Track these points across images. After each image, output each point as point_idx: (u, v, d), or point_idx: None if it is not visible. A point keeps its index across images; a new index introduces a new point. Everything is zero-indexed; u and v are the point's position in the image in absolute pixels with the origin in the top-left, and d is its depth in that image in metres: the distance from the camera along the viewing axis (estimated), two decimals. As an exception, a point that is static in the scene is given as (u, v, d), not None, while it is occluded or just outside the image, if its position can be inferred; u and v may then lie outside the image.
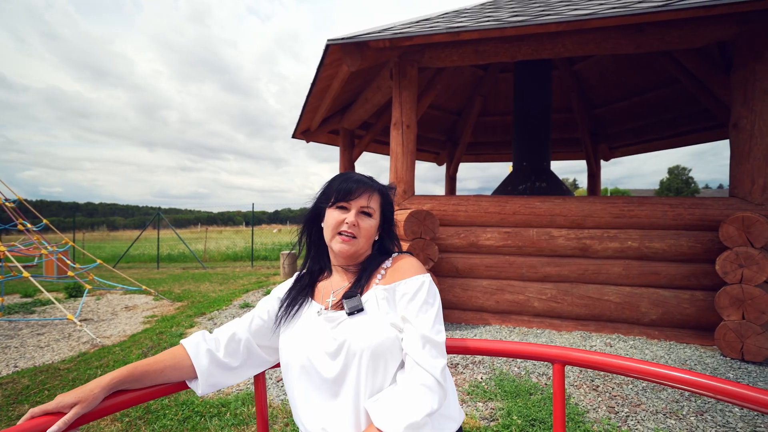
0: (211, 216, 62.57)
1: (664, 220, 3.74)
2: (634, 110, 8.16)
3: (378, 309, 0.96)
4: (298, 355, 0.96)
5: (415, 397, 0.82)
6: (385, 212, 1.10)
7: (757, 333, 3.17)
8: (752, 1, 3.18)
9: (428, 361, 0.86)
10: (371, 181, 1.08)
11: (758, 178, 3.54)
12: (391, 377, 0.92)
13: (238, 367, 1.02)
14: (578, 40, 3.95)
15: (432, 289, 0.96)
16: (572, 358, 1.04)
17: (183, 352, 0.98)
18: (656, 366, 0.94)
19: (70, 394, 0.82)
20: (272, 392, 2.96)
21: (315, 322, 0.99)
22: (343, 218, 1.01)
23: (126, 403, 0.90)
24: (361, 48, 4.03)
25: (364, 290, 1.00)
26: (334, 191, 1.04)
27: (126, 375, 0.89)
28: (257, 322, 1.05)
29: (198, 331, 4.48)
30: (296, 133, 7.51)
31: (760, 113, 3.54)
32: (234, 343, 1.01)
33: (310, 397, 0.94)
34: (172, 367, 0.95)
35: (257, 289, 7.13)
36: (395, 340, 0.92)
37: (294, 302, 1.05)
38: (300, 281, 1.12)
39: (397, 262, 1.04)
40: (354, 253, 1.03)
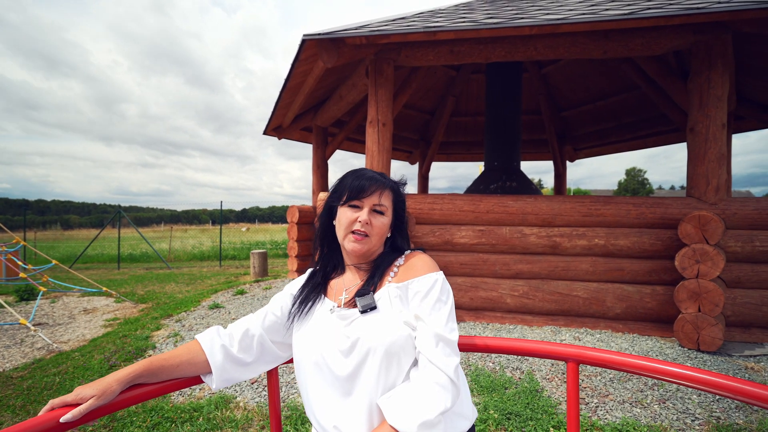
0: (176, 214, 60.25)
1: (628, 219, 3.92)
2: (598, 114, 8.53)
3: (391, 307, 0.95)
4: (311, 353, 0.96)
5: (429, 396, 0.82)
6: (397, 209, 1.09)
7: (711, 324, 3.38)
8: (706, 13, 3.38)
9: (442, 359, 0.86)
10: (383, 178, 1.06)
11: (712, 179, 3.77)
12: (405, 375, 0.91)
13: (252, 362, 1.03)
14: (549, 44, 4.07)
15: (445, 287, 0.96)
16: (587, 357, 1.05)
17: (198, 347, 1.00)
18: (670, 365, 0.94)
19: (89, 386, 0.85)
20: (247, 395, 2.89)
21: (328, 319, 0.99)
22: (355, 217, 1.00)
23: (142, 396, 0.92)
24: (338, 44, 3.99)
25: (377, 288, 1.00)
26: (346, 189, 1.03)
27: (143, 369, 0.91)
28: (270, 318, 1.06)
29: (163, 332, 4.27)
30: (268, 129, 7.35)
31: (714, 119, 3.77)
32: (247, 339, 1.03)
33: (323, 394, 0.93)
34: (187, 362, 0.97)
35: (226, 289, 6.93)
36: (408, 338, 0.91)
37: (307, 299, 1.05)
38: (313, 278, 1.11)
39: (410, 260, 1.03)
40: (367, 251, 1.03)
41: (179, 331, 4.40)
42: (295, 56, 4.36)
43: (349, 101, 5.93)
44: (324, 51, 3.97)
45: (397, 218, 1.10)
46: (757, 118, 6.35)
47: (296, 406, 2.67)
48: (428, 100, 9.20)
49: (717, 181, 3.75)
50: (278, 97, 5.71)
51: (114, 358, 3.61)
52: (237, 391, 2.94)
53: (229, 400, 2.80)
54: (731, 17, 3.42)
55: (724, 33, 3.73)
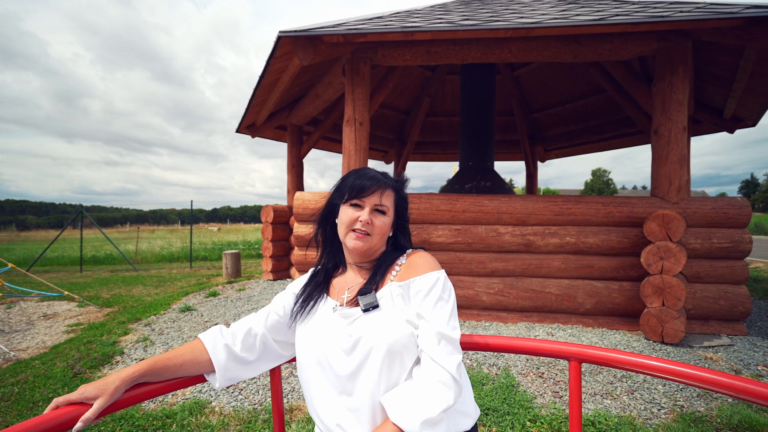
0: (142, 214, 58.02)
1: (597, 218, 4.07)
2: (567, 116, 8.81)
3: (393, 305, 0.96)
4: (313, 351, 0.96)
5: (431, 393, 0.83)
6: (398, 208, 1.10)
7: (674, 318, 3.55)
8: (669, 22, 3.55)
9: (444, 357, 0.86)
10: (385, 178, 1.07)
11: (674, 179, 3.97)
12: (407, 373, 0.92)
13: (255, 361, 1.04)
14: (523, 47, 4.17)
15: (447, 285, 0.97)
16: (589, 355, 1.05)
17: (201, 346, 1.01)
18: (669, 363, 0.95)
19: (92, 385, 0.85)
20: (222, 399, 2.82)
21: (330, 318, 0.99)
22: (357, 216, 1.01)
23: (146, 395, 0.93)
24: (314, 42, 3.94)
25: (379, 287, 1.00)
26: (347, 188, 1.03)
27: (146, 369, 0.92)
28: (273, 317, 1.07)
29: (132, 337, 4.11)
30: (241, 127, 7.19)
31: (676, 122, 3.97)
32: (250, 338, 1.04)
33: (325, 393, 0.94)
34: (190, 362, 0.98)
35: (198, 291, 6.73)
36: (411, 336, 0.91)
37: (309, 298, 1.05)
38: (315, 277, 1.12)
39: (412, 259, 1.04)
40: (368, 250, 1.04)
41: (149, 335, 4.24)
42: (270, 53, 4.28)
43: (325, 100, 5.88)
44: (300, 48, 3.91)
45: (399, 217, 1.11)
46: (713, 122, 6.72)
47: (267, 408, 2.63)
48: (404, 99, 9.24)
49: (679, 182, 3.95)
50: (252, 95, 5.59)
51: (78, 366, 3.44)
52: (212, 396, 2.86)
53: (203, 405, 2.72)
54: (692, 26, 3.61)
55: (686, 41, 3.93)
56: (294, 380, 3.05)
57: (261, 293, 6.05)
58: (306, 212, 4.45)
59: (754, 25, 3.46)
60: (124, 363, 3.53)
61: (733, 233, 3.88)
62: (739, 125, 6.44)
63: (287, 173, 7.52)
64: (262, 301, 5.46)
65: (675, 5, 3.87)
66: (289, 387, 2.95)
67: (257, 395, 2.87)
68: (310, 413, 1.01)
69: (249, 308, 5.08)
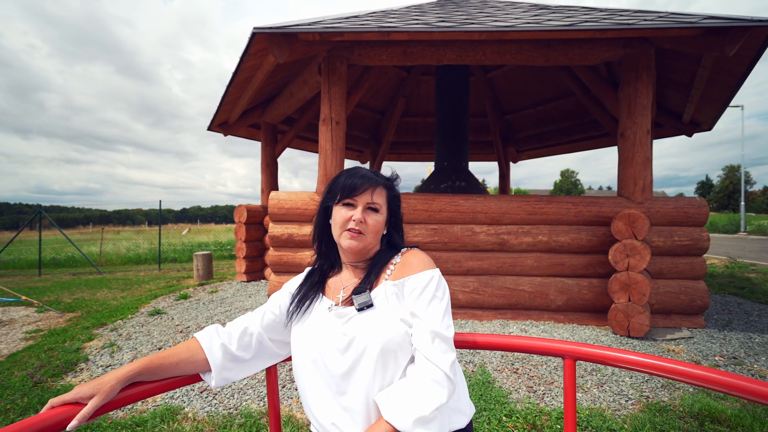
0: (106, 214, 55.49)
1: (568, 217, 4.20)
2: (539, 118, 9.05)
3: (388, 304, 0.96)
4: (309, 351, 0.96)
5: (425, 392, 0.83)
6: (391, 206, 1.11)
7: (639, 312, 3.72)
8: (634, 29, 3.71)
9: (438, 355, 0.87)
10: (376, 176, 1.07)
11: (639, 180, 4.15)
12: (401, 372, 0.92)
13: (250, 360, 1.05)
14: (497, 50, 4.26)
15: (441, 283, 0.98)
16: (582, 353, 1.06)
17: (197, 345, 1.00)
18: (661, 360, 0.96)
19: (87, 385, 0.84)
20: (196, 404, 2.73)
21: (326, 317, 0.99)
22: (350, 215, 1.02)
23: (142, 394, 0.92)
24: (290, 39, 3.89)
25: (374, 286, 1.01)
26: (339, 188, 1.04)
27: (142, 368, 0.91)
28: (269, 317, 1.07)
29: (97, 343, 3.93)
30: (213, 125, 7.00)
31: (641, 125, 4.15)
32: (246, 337, 1.04)
33: (320, 392, 0.94)
34: (186, 361, 0.98)
35: (168, 293, 6.50)
36: (405, 335, 0.92)
37: (305, 298, 1.05)
38: (310, 277, 1.12)
39: (406, 258, 1.04)
40: (363, 248, 1.04)
41: (116, 340, 4.07)
42: (244, 49, 4.19)
43: (300, 98, 5.81)
44: (275, 46, 3.85)
45: (393, 215, 1.11)
46: (673, 126, 7.06)
47: (249, 412, 2.58)
48: (379, 99, 9.25)
49: (643, 182, 4.13)
50: (225, 92, 5.46)
51: (39, 374, 3.26)
52: (185, 402, 2.78)
53: (176, 411, 2.63)
54: (655, 34, 3.78)
55: (649, 48, 4.12)
56: (270, 383, 2.99)
57: (234, 295, 5.91)
58: (281, 212, 4.38)
59: (711, 34, 3.66)
60: (89, 371, 3.37)
61: (693, 231, 4.10)
62: (697, 129, 6.79)
63: (261, 172, 7.38)
64: (235, 303, 5.34)
65: (639, 14, 4.05)
66: (266, 390, 2.90)
67: (232, 399, 2.80)
68: (305, 412, 1.03)
69: (222, 310, 4.96)
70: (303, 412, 2.60)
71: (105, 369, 3.38)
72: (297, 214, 4.39)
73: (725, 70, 4.68)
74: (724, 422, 2.36)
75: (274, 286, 4.43)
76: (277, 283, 4.44)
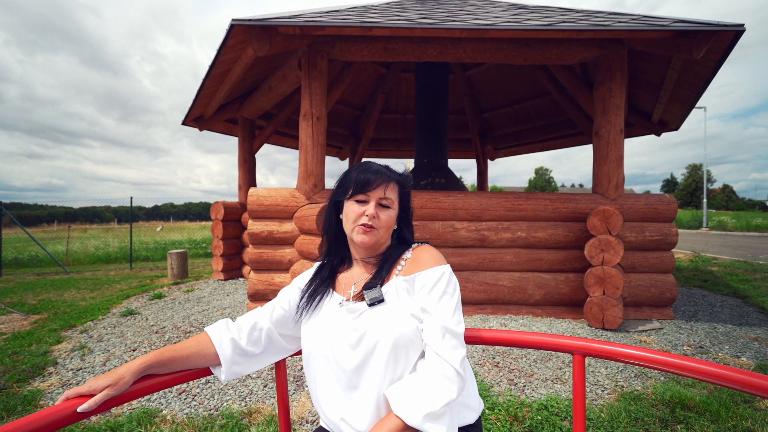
0: (72, 212, 53.06)
1: (546, 213, 4.30)
2: (516, 116, 9.21)
3: (399, 300, 0.96)
4: (319, 346, 0.96)
5: (435, 387, 0.83)
6: (403, 201, 1.11)
7: (613, 305, 3.85)
8: (609, 30, 3.81)
9: (448, 351, 0.87)
10: (389, 171, 1.07)
11: (613, 177, 4.29)
12: (412, 367, 0.92)
13: (260, 354, 1.06)
14: (477, 48, 4.30)
15: (452, 279, 0.99)
16: (592, 349, 1.07)
17: (207, 339, 1.02)
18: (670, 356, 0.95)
19: (101, 377, 0.87)
20: (174, 406, 2.66)
21: (336, 312, 0.99)
22: (362, 210, 1.02)
23: (155, 387, 0.94)
24: (270, 33, 3.81)
25: (385, 281, 1.01)
26: (351, 183, 1.04)
27: (154, 360, 0.93)
28: (279, 312, 1.08)
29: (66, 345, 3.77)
30: (187, 119, 6.80)
31: (615, 124, 4.29)
32: (256, 332, 1.05)
33: (331, 387, 0.94)
34: (197, 354, 0.99)
35: (141, 293, 6.30)
36: (416, 330, 0.92)
37: (315, 293, 1.05)
38: (320, 272, 1.11)
39: (417, 253, 1.04)
40: (374, 243, 1.04)
41: (86, 342, 3.91)
42: (222, 42, 4.07)
43: (279, 93, 5.71)
44: (255, 39, 3.76)
45: (403, 210, 1.12)
46: (643, 126, 7.32)
47: (231, 413, 2.53)
48: (358, 96, 9.20)
49: (617, 180, 4.27)
50: (201, 85, 5.31)
51: (3, 380, 3.10)
52: (162, 404, 2.70)
53: (153, 414, 2.56)
54: (629, 36, 3.90)
55: (622, 49, 4.25)
56: (252, 382, 2.95)
57: (212, 294, 5.78)
58: (261, 209, 4.30)
59: (681, 37, 3.81)
60: (59, 375, 3.23)
61: (663, 227, 4.27)
62: (666, 129, 7.07)
63: (238, 168, 7.23)
64: (213, 302, 5.22)
65: (614, 16, 4.17)
66: (247, 390, 2.85)
67: (212, 400, 2.74)
68: (315, 406, 1.05)
69: (199, 310, 4.84)
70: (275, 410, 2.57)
71: (76, 373, 3.24)
72: (277, 211, 4.32)
73: (692, 73, 4.88)
74: (693, 408, 2.48)
75: (254, 285, 4.35)
76: (256, 281, 4.36)
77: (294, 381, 2.97)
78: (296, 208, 4.32)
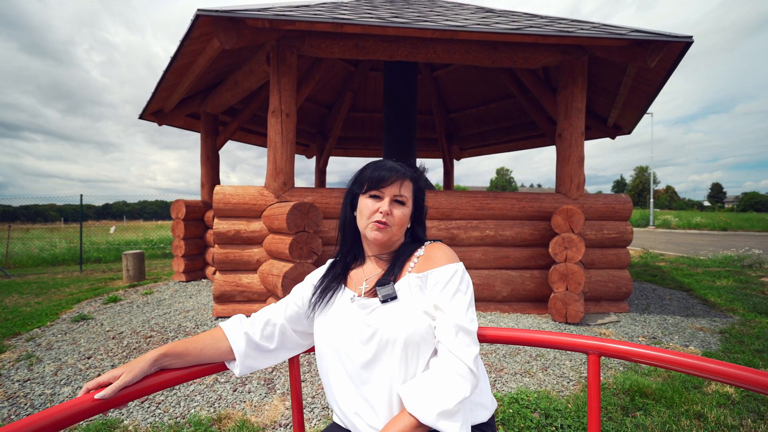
0: (10, 210, 48.96)
1: (512, 212, 4.43)
2: (481, 117, 9.44)
3: (411, 297, 0.95)
4: (332, 341, 0.97)
5: (448, 385, 0.83)
6: (417, 199, 1.11)
7: (575, 300, 4.03)
8: (573, 37, 3.98)
9: (461, 349, 0.87)
10: (404, 168, 1.07)
11: (575, 178, 4.48)
12: (424, 364, 0.91)
13: (274, 350, 1.06)
14: (448, 49, 4.36)
15: (465, 277, 0.98)
16: (608, 349, 1.05)
17: (221, 333, 1.03)
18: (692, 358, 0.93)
19: (118, 368, 0.88)
20: (137, 415, 2.52)
21: (349, 308, 0.99)
22: (376, 207, 1.01)
23: (171, 381, 0.95)
24: (238, 25, 3.68)
25: (398, 278, 1.00)
26: (366, 180, 1.04)
27: (168, 349, 0.94)
28: (292, 308, 1.08)
29: (10, 355, 3.49)
30: (145, 113, 6.45)
31: (576, 127, 4.48)
32: (269, 327, 1.06)
33: (343, 382, 0.94)
34: (211, 347, 1.00)
35: (94, 297, 5.91)
36: (428, 328, 0.91)
37: (328, 289, 1.05)
38: (333, 268, 1.11)
39: (430, 251, 1.04)
40: (388, 240, 1.04)
41: (34, 351, 3.62)
42: (186, 33, 3.89)
43: (246, 88, 5.53)
44: (221, 31, 3.62)
45: (417, 208, 1.12)
46: (599, 129, 7.72)
47: (199, 420, 2.42)
48: (326, 93, 9.10)
49: (578, 180, 4.47)
50: (161, 78, 5.05)
51: (-63, 396, 2.81)
52: (123, 413, 2.54)
53: (113, 425, 2.40)
54: (590, 42, 4.09)
55: (583, 55, 4.45)
56: (220, 387, 2.84)
57: (173, 296, 5.52)
58: (228, 207, 4.16)
59: (637, 46, 4.04)
60: (2, 387, 2.97)
61: (619, 225, 4.51)
62: (620, 132, 7.48)
63: (201, 165, 6.95)
64: (174, 305, 4.99)
65: (576, 23, 4.35)
66: (215, 395, 2.75)
67: (178, 407, 2.62)
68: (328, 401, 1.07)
69: (160, 313, 4.61)
70: (258, 416, 2.50)
71: (23, 384, 3.00)
72: (245, 210, 4.19)
73: (645, 80, 5.19)
74: (650, 395, 2.63)
75: (220, 286, 4.20)
76: (223, 282, 4.21)
77: (265, 384, 2.89)
78: (265, 207, 4.20)
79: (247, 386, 2.87)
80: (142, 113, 6.46)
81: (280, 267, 3.79)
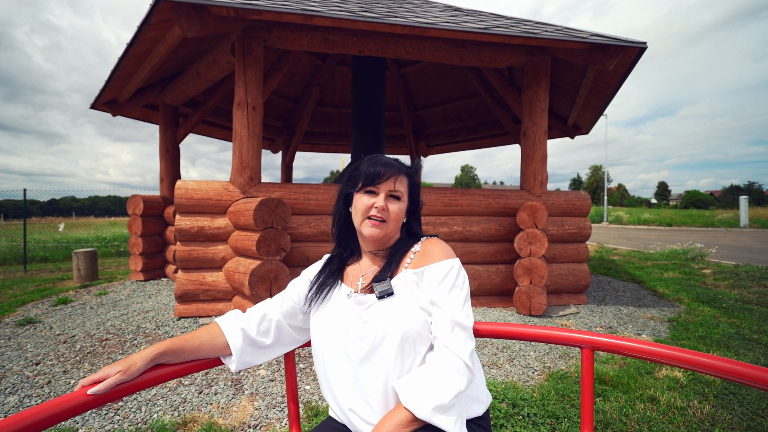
0: (-59, 206, 44.67)
1: (479, 208, 4.53)
2: (448, 115, 9.57)
3: (408, 293, 0.95)
4: (328, 337, 0.96)
5: (443, 380, 0.83)
6: (412, 194, 1.10)
7: (539, 293, 4.18)
8: (537, 38, 4.10)
9: (457, 344, 0.87)
10: (398, 164, 1.07)
11: (538, 175, 4.64)
12: (420, 360, 0.92)
13: (270, 345, 1.06)
14: (417, 46, 4.37)
15: (461, 273, 0.98)
16: (601, 343, 1.07)
17: (217, 329, 1.03)
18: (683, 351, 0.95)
19: (114, 364, 0.88)
20: (94, 423, 2.37)
21: (345, 304, 0.99)
22: (372, 203, 1.01)
23: (166, 376, 0.95)
24: (201, 12, 3.52)
25: (394, 274, 1.00)
26: (361, 176, 1.03)
27: (165, 348, 0.93)
28: (288, 304, 1.08)
29: None
30: (98, 103, 6.06)
31: (540, 126, 4.63)
32: (265, 323, 1.06)
33: (339, 377, 0.94)
34: (207, 343, 0.99)
35: (41, 298, 5.51)
36: (425, 324, 0.92)
37: (324, 285, 1.04)
38: (329, 264, 1.10)
39: (426, 246, 1.04)
40: (384, 236, 1.03)
41: (-28, 359, 3.33)
42: (144, 18, 3.68)
43: (208, 79, 5.32)
44: (183, 18, 3.45)
45: (413, 204, 1.11)
46: (559, 129, 8.03)
47: (162, 425, 2.32)
48: (293, 87, 8.91)
49: (541, 177, 4.63)
50: (116, 65, 4.75)
51: None
52: (78, 421, 2.39)
53: (67, 435, 2.26)
54: (554, 44, 4.23)
55: (547, 57, 4.60)
56: (185, 390, 2.73)
57: (130, 296, 5.25)
58: (190, 203, 3.99)
59: (597, 49, 4.22)
60: (-63, 398, 2.71)
61: (579, 221, 4.72)
62: (579, 132, 7.81)
63: (160, 159, 6.62)
64: (132, 306, 4.74)
65: (541, 25, 4.49)
66: (180, 398, 2.64)
67: (139, 413, 2.49)
68: (324, 397, 1.05)
69: (117, 314, 4.37)
70: (225, 418, 2.43)
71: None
72: (209, 206, 4.03)
73: (603, 83, 5.44)
74: (608, 382, 2.78)
75: (182, 285, 4.03)
76: (186, 281, 4.04)
77: (232, 385, 2.81)
78: (230, 203, 4.07)
79: (213, 388, 2.77)
80: (94, 103, 6.07)
81: (247, 264, 3.69)
